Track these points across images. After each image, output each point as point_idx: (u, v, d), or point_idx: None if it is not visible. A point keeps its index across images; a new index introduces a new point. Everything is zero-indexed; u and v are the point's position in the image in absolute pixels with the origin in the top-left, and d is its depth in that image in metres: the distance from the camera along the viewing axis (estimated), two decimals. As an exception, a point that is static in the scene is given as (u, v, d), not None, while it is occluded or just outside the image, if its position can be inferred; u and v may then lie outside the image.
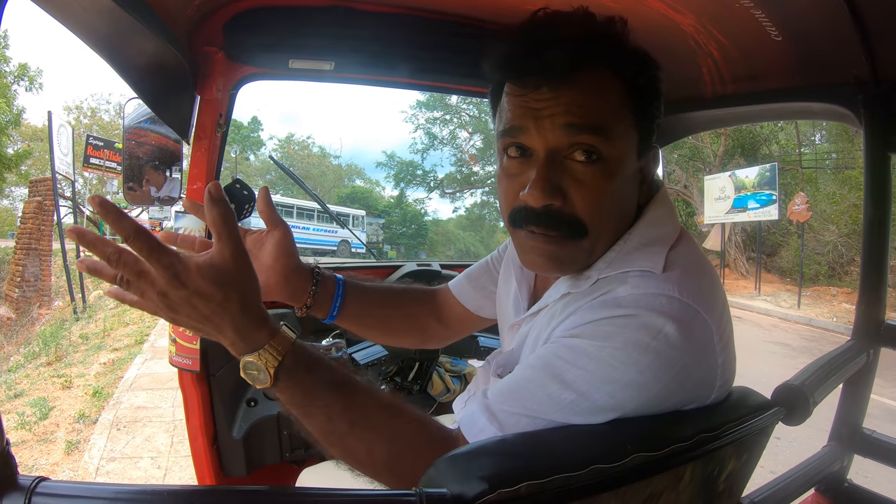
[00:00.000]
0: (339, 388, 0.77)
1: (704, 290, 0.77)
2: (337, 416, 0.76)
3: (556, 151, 0.78)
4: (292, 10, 1.49)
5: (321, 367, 0.77)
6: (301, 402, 0.76)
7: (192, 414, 1.62)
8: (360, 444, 0.77)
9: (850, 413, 1.44)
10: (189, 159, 1.61)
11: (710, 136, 19.42)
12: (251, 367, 0.73)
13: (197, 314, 0.69)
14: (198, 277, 0.67)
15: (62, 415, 4.83)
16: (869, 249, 1.39)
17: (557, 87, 0.76)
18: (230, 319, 0.70)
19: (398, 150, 58.44)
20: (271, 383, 0.73)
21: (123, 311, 9.22)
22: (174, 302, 0.67)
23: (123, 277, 0.66)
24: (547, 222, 0.79)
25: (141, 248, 0.64)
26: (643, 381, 0.71)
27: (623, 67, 0.79)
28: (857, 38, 1.19)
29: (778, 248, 18.33)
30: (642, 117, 0.82)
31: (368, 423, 0.77)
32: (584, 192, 0.77)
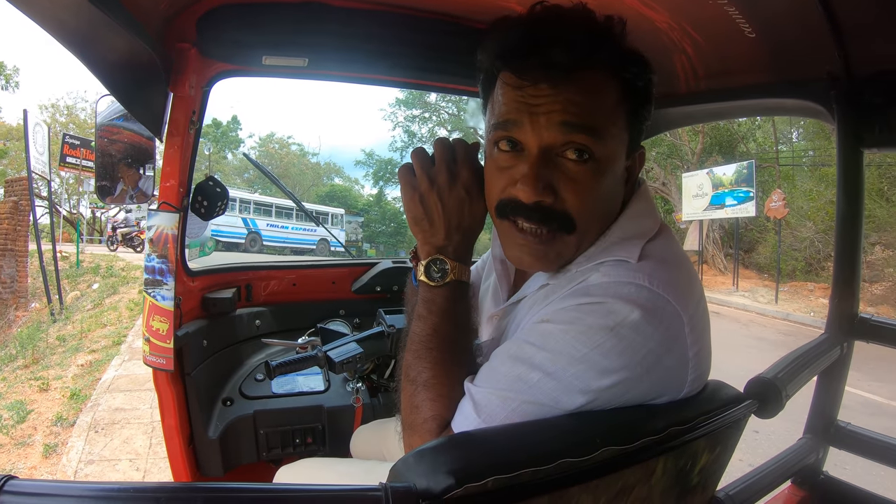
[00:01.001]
0: (459, 326, 0.90)
1: (677, 281, 0.78)
2: (437, 336, 0.87)
3: (549, 148, 0.79)
4: (266, 5, 1.48)
5: (467, 305, 0.92)
6: (435, 309, 0.88)
7: (167, 414, 1.59)
8: (426, 361, 0.86)
9: (824, 406, 1.46)
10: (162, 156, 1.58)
11: (688, 134, 19.67)
12: (440, 265, 0.89)
13: (452, 213, 0.89)
14: (481, 200, 0.91)
15: (40, 418, 4.75)
16: (842, 244, 1.41)
17: (557, 84, 0.76)
18: (466, 232, 0.91)
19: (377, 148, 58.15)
20: (437, 285, 0.89)
21: (101, 312, 9.08)
22: (435, 217, 0.89)
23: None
24: (538, 218, 0.80)
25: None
26: (607, 364, 0.72)
27: (622, 69, 0.80)
28: (830, 35, 1.21)
29: (755, 244, 18.64)
30: (634, 119, 0.83)
31: (446, 357, 0.86)
32: (575, 190, 0.79)
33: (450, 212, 0.89)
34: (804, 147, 19.69)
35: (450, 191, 0.89)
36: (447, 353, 0.86)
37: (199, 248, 2.94)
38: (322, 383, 1.93)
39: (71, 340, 7.49)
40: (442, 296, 0.88)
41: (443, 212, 0.89)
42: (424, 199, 0.89)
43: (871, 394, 6.20)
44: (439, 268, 0.89)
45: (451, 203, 0.89)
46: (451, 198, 0.89)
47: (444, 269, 0.88)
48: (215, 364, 1.80)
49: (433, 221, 0.89)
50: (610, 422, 0.72)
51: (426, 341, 0.87)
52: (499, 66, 0.84)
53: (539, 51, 0.77)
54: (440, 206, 0.89)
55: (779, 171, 18.42)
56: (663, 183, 20.40)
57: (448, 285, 0.88)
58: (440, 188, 0.89)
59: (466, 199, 0.89)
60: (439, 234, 0.90)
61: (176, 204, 1.53)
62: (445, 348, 0.86)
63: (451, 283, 0.89)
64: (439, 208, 0.89)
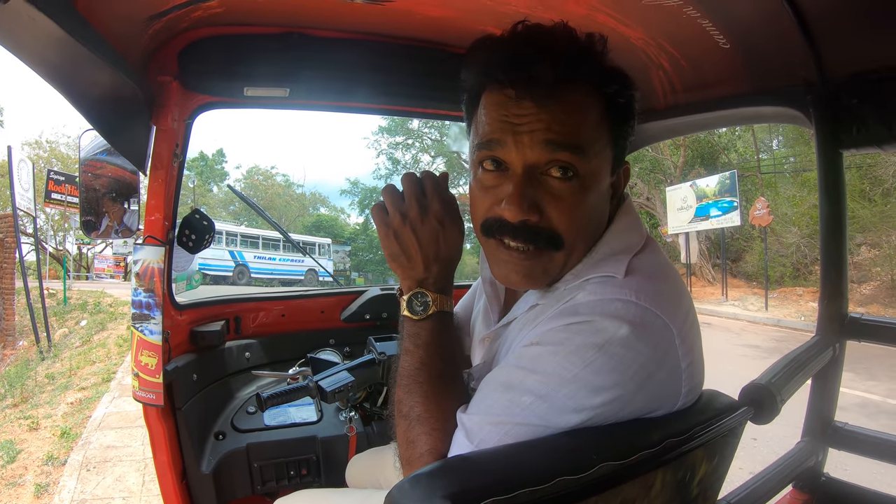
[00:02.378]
0: (446, 357, 0.89)
1: (665, 294, 0.78)
2: (426, 369, 0.87)
3: (533, 167, 0.79)
4: (246, 37, 1.50)
5: (452, 337, 0.92)
6: (420, 342, 0.89)
7: (158, 450, 1.56)
8: (417, 394, 0.85)
9: (821, 407, 1.47)
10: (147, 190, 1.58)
11: (670, 148, 19.94)
12: (422, 298, 0.90)
13: (429, 245, 0.90)
14: (455, 228, 0.92)
15: (30, 457, 4.64)
16: (827, 245, 1.43)
17: (541, 102, 0.77)
18: (445, 262, 0.92)
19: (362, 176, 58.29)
20: (420, 318, 0.89)
21: (89, 349, 8.93)
22: (421, 232, 0.89)
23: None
24: (524, 236, 0.80)
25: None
26: (600, 382, 0.71)
27: (605, 86, 0.80)
28: (803, 42, 1.24)
29: (742, 253, 18.79)
30: (618, 135, 0.84)
31: (436, 390, 0.86)
32: (561, 208, 0.79)
33: (425, 244, 0.90)
34: (785, 154, 20.03)
35: (422, 223, 0.89)
36: (437, 386, 0.86)
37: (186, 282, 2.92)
38: (314, 414, 1.91)
39: (60, 378, 7.36)
40: (426, 329, 0.89)
41: (418, 245, 0.89)
42: (399, 234, 0.90)
43: (868, 393, 6.22)
44: (421, 301, 0.89)
45: (425, 235, 0.89)
46: (424, 230, 0.89)
47: (425, 302, 0.89)
48: (206, 398, 1.77)
49: (410, 256, 0.90)
50: (606, 437, 0.71)
51: (415, 375, 0.87)
52: (482, 83, 0.84)
53: (522, 68, 0.77)
54: (415, 240, 0.89)
55: (761, 180, 18.68)
56: (647, 198, 20.59)
57: (431, 318, 0.89)
58: (413, 222, 0.89)
59: (440, 230, 0.90)
60: (418, 268, 0.90)
61: (161, 237, 1.53)
62: (435, 381, 0.86)
63: (434, 316, 0.89)
64: (414, 242, 0.89)
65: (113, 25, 1.07)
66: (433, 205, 0.91)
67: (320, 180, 78.41)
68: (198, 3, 1.30)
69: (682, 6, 1.20)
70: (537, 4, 1.30)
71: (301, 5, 1.38)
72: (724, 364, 7.44)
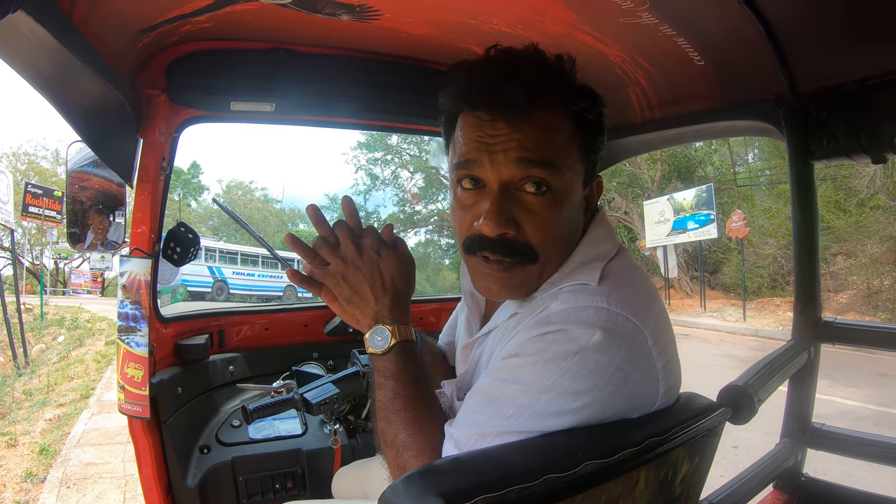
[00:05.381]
0: (417, 382, 0.91)
1: (636, 298, 0.82)
2: (401, 398, 0.89)
3: (508, 183, 0.83)
4: (233, 52, 1.52)
5: (417, 362, 0.93)
6: (389, 374, 0.90)
7: (144, 463, 1.55)
8: (398, 424, 0.87)
9: (798, 409, 1.51)
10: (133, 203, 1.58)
11: (647, 162, 20.22)
12: (381, 333, 0.91)
13: (374, 278, 0.92)
14: (393, 256, 0.94)
15: (8, 474, 4.55)
16: (800, 252, 1.48)
17: (513, 122, 0.81)
18: (393, 295, 0.93)
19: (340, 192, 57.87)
20: (384, 352, 0.91)
21: (67, 364, 8.76)
22: (363, 265, 0.92)
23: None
24: (501, 250, 0.84)
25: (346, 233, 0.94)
26: (578, 387, 0.75)
27: (573, 104, 0.85)
28: (774, 58, 1.30)
29: (720, 265, 19.06)
30: (588, 150, 0.88)
31: (414, 415, 0.88)
32: (536, 222, 0.83)
33: (371, 278, 0.92)
34: (760, 167, 20.43)
35: (362, 259, 0.93)
36: (414, 410, 0.88)
37: (170, 295, 2.87)
38: (299, 427, 1.91)
39: (38, 394, 7.20)
40: (391, 361, 0.90)
41: (365, 281, 0.92)
42: (346, 276, 0.93)
43: (846, 399, 6.34)
44: (381, 335, 0.91)
45: (368, 270, 0.92)
46: (366, 265, 0.93)
47: (385, 336, 0.91)
48: (191, 411, 1.76)
49: (361, 293, 0.93)
50: (590, 437, 0.74)
51: (391, 405, 0.89)
52: (458, 106, 0.88)
53: (494, 92, 0.81)
54: (361, 276, 0.92)
55: (737, 192, 19.03)
56: (625, 212, 20.77)
57: (394, 349, 0.91)
58: (354, 260, 0.93)
59: (378, 260, 0.93)
60: (370, 303, 0.92)
61: (147, 250, 1.53)
62: (411, 406, 0.88)
63: (396, 347, 0.91)
64: (361, 278, 0.92)
65: (105, 38, 1.09)
66: (365, 241, 0.95)
67: (299, 196, 77.78)
68: (187, 18, 1.31)
69: (657, 24, 1.25)
70: (517, 23, 1.34)
71: (288, 22, 1.40)
72: (704, 374, 7.52)
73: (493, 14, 1.31)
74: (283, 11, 1.31)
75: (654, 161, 20.00)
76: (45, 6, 0.79)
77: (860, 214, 14.42)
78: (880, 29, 1.15)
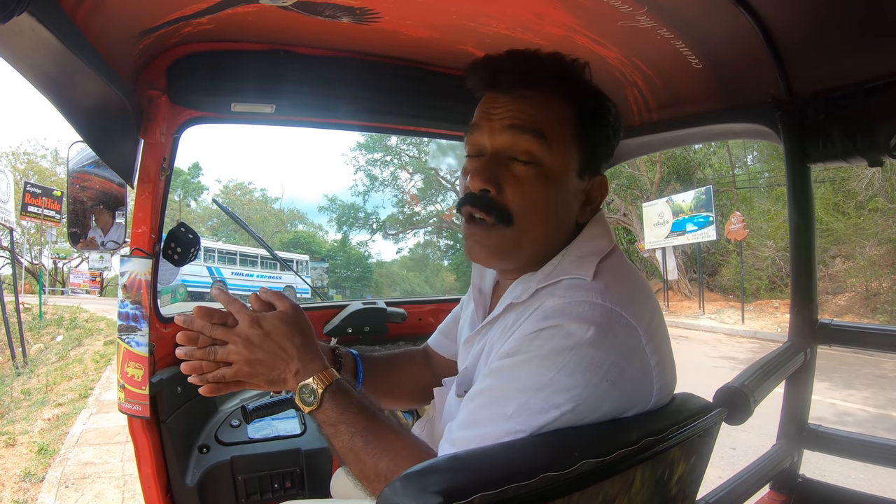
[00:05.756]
0: (364, 412, 0.91)
1: (629, 295, 0.84)
2: (358, 434, 0.88)
3: (500, 150, 0.91)
4: (234, 54, 1.52)
5: (353, 395, 0.93)
6: (335, 420, 0.89)
7: (143, 462, 1.56)
8: (370, 458, 0.86)
9: (794, 410, 1.52)
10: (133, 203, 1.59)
11: (646, 164, 20.19)
12: (306, 389, 0.90)
13: (271, 350, 0.92)
14: (274, 320, 0.94)
15: (7, 474, 4.56)
16: (797, 254, 1.49)
17: (510, 95, 0.91)
18: (297, 352, 0.93)
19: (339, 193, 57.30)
20: (318, 404, 0.89)
21: (66, 364, 8.75)
22: (255, 343, 0.92)
23: (215, 342, 0.94)
24: (481, 206, 0.91)
25: (229, 305, 0.96)
26: (573, 382, 0.76)
27: (571, 90, 0.93)
28: (772, 62, 1.31)
29: (718, 267, 19.02)
30: (585, 138, 0.93)
31: (379, 441, 0.87)
32: (517, 187, 0.90)
33: (266, 341, 0.93)
34: (759, 169, 20.40)
35: (251, 328, 0.93)
36: (381, 435, 0.88)
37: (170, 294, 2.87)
38: (298, 426, 1.91)
39: (36, 394, 7.20)
40: (331, 409, 0.90)
41: (263, 345, 0.92)
42: (251, 361, 0.93)
43: (845, 402, 6.35)
44: (309, 391, 0.90)
45: (258, 336, 0.93)
46: (255, 333, 0.93)
47: (311, 390, 0.90)
48: (190, 411, 1.76)
49: (262, 361, 0.93)
50: (587, 436, 0.75)
51: (355, 444, 0.87)
52: (478, 92, 0.98)
53: (498, 72, 0.93)
54: (259, 342, 0.93)
55: (736, 195, 19.03)
56: (624, 214, 20.71)
57: (325, 397, 0.90)
58: (245, 335, 0.93)
59: (258, 321, 0.93)
60: (280, 365, 0.93)
61: (148, 250, 1.53)
62: (375, 433, 0.88)
63: (327, 393, 0.90)
64: (260, 343, 0.93)
65: (107, 39, 1.10)
66: (237, 314, 0.95)
67: (297, 196, 77.74)
68: (189, 20, 1.32)
69: (656, 28, 1.26)
70: (516, 26, 1.35)
71: (289, 24, 1.41)
72: (701, 376, 7.54)
73: (493, 17, 1.32)
74: (283, 14, 1.32)
75: (653, 163, 20.00)
76: (49, 8, 0.80)
77: (859, 217, 14.41)
78: (876, 32, 1.16)
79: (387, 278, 37.00)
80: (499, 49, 0.96)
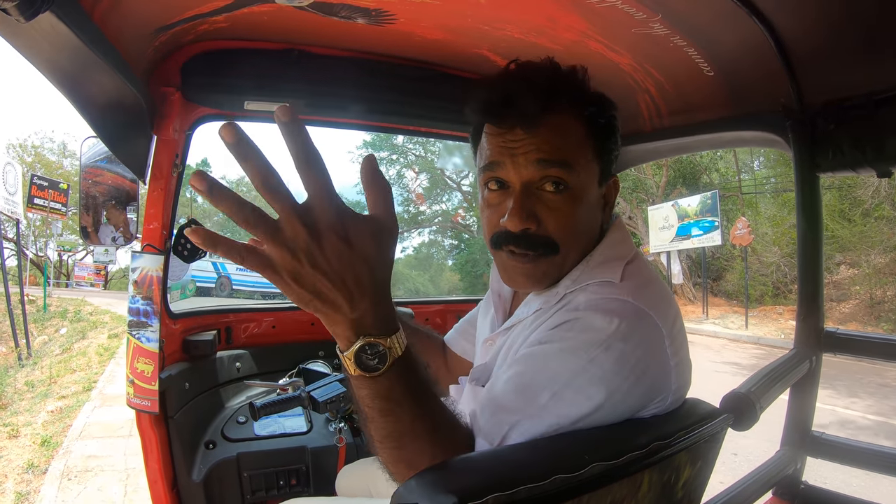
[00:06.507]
0: (425, 392, 0.73)
1: (656, 298, 0.86)
2: (420, 420, 0.72)
3: (529, 183, 0.90)
4: (248, 52, 1.54)
5: (419, 370, 0.73)
6: (395, 398, 0.70)
7: (150, 457, 1.57)
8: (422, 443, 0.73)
9: (799, 417, 1.52)
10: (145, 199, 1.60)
11: (652, 168, 20.11)
12: (372, 349, 0.65)
13: (343, 278, 0.60)
14: (366, 229, 0.61)
15: (10, 465, 4.58)
16: (804, 263, 1.49)
17: (530, 129, 0.88)
18: (373, 289, 0.63)
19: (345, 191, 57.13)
20: (383, 371, 0.66)
21: (69, 357, 8.78)
22: (326, 292, 0.60)
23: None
24: (525, 244, 0.90)
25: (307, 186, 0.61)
26: (602, 374, 0.78)
27: (584, 110, 0.92)
28: (783, 71, 1.32)
29: (723, 272, 18.94)
30: (602, 150, 0.94)
31: (442, 427, 0.77)
32: (555, 217, 0.90)
33: (339, 274, 0.60)
34: (766, 175, 20.30)
35: (321, 248, 0.59)
36: (442, 420, 0.78)
37: (180, 291, 2.88)
38: (304, 424, 1.93)
39: (40, 386, 7.23)
40: (397, 377, 0.68)
41: (330, 281, 0.60)
42: (300, 277, 0.60)
43: (847, 409, 6.33)
44: (374, 352, 0.66)
45: (334, 262, 0.60)
46: (328, 256, 0.59)
47: (379, 353, 0.66)
48: (197, 407, 1.78)
49: (326, 298, 0.61)
50: (598, 439, 0.76)
51: (412, 429, 0.73)
52: (483, 119, 0.96)
53: (511, 103, 0.88)
54: (321, 275, 0.60)
55: (742, 200, 18.93)
56: (630, 216, 20.62)
57: (399, 363, 0.68)
58: (308, 252, 0.59)
59: (348, 250, 0.60)
60: (343, 309, 0.62)
61: (160, 246, 1.55)
62: (437, 416, 0.76)
63: (400, 363, 0.68)
64: (322, 279, 0.60)
65: (123, 36, 1.12)
66: (319, 217, 0.60)
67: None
68: (205, 18, 1.34)
69: (669, 35, 1.27)
70: (531, 30, 1.36)
71: (304, 24, 1.42)
72: (705, 380, 7.52)
73: (507, 21, 1.33)
74: (299, 13, 1.33)
75: (659, 167, 19.92)
76: (68, 5, 0.82)
77: (864, 224, 14.35)
78: (888, 45, 1.17)
79: (391, 277, 36.97)
80: (513, 54, 0.97)
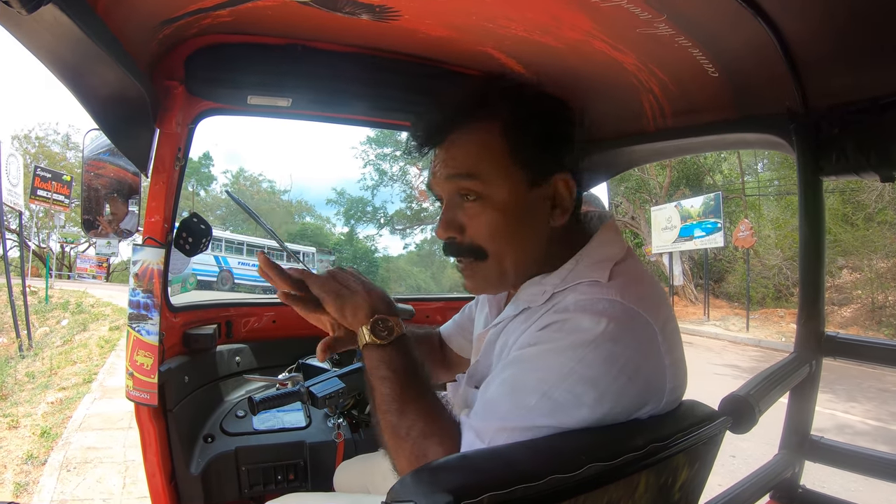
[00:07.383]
0: (424, 375, 0.93)
1: (646, 296, 0.86)
2: (412, 387, 0.89)
3: (450, 196, 0.96)
4: (252, 47, 1.53)
5: (413, 352, 0.94)
6: (396, 366, 0.90)
7: (149, 449, 1.58)
8: (412, 413, 0.87)
9: (797, 421, 1.52)
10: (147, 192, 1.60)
11: (656, 168, 20.02)
12: (385, 322, 0.93)
13: (364, 287, 0.97)
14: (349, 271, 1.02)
15: (9, 456, 4.61)
16: (806, 266, 1.49)
17: (441, 146, 0.96)
18: (373, 289, 0.98)
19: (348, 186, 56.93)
20: (391, 339, 0.92)
21: (70, 348, 8.80)
22: (352, 285, 0.97)
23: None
24: (454, 253, 0.97)
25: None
26: (592, 374, 0.78)
27: (497, 119, 0.92)
28: (788, 73, 1.31)
29: (725, 273, 18.88)
30: (521, 150, 0.92)
31: (424, 402, 0.89)
32: (474, 225, 0.94)
33: (359, 282, 0.99)
34: (769, 177, 20.24)
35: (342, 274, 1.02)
36: (430, 400, 0.90)
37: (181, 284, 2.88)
38: (303, 419, 1.93)
39: (40, 377, 7.25)
40: (398, 351, 0.92)
41: (357, 285, 0.98)
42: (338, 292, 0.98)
43: (846, 413, 6.33)
44: (384, 326, 0.93)
45: (350, 278, 1.00)
46: (346, 276, 1.01)
47: (388, 326, 0.93)
48: (196, 400, 1.78)
49: (353, 288, 0.97)
50: (594, 440, 0.75)
51: (402, 396, 0.89)
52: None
53: (428, 129, 0.97)
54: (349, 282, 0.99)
55: (745, 202, 18.87)
56: (632, 217, 20.55)
57: (399, 339, 0.93)
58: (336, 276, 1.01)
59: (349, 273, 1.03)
60: (363, 296, 0.96)
61: (161, 239, 1.55)
62: (426, 395, 0.90)
63: (402, 337, 0.94)
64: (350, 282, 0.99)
65: (127, 29, 1.11)
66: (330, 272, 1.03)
67: (305, 188, 77.88)
68: (209, 11, 1.33)
69: (674, 35, 1.26)
70: (535, 28, 1.35)
71: (308, 19, 1.42)
72: (704, 382, 7.52)
73: (512, 18, 1.32)
74: (303, 9, 1.32)
75: (662, 167, 19.86)
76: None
77: (867, 229, 14.32)
78: (894, 49, 1.16)
79: (393, 273, 36.94)
80: (518, 52, 0.97)
